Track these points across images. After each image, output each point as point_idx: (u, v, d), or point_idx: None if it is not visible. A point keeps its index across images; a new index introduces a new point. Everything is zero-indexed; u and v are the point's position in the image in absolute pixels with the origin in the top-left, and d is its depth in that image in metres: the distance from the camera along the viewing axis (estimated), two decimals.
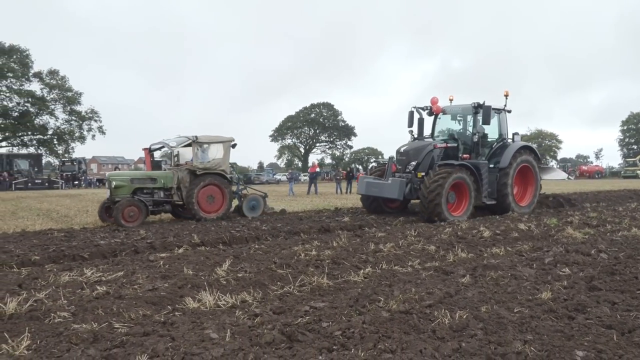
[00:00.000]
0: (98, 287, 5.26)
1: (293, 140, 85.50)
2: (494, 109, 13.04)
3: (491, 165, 13.07)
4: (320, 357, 3.36)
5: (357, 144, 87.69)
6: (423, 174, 12.07)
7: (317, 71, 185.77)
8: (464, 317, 4.14)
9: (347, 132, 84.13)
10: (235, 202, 13.83)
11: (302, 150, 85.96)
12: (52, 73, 51.88)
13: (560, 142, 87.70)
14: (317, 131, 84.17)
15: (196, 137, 12.69)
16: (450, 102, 14.19)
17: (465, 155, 12.96)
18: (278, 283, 5.62)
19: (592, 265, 6.14)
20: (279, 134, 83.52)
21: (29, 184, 38.98)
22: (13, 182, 38.75)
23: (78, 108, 53.26)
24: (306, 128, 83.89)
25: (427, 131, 14.31)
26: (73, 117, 53.39)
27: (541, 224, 10.23)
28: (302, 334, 3.75)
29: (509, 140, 13.75)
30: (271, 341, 3.64)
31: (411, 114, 14.01)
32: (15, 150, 51.48)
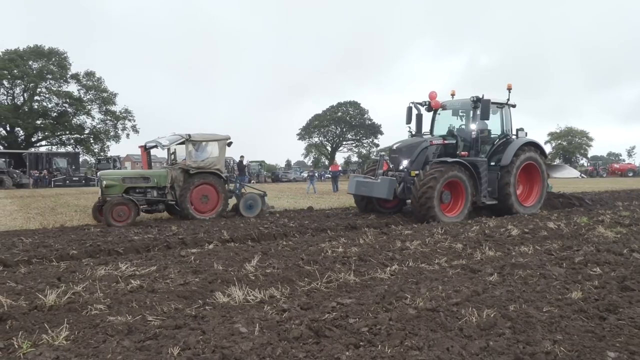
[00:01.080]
0: (132, 281, 5.38)
1: (320, 138, 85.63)
2: (495, 103, 12.29)
3: (492, 163, 12.29)
4: (347, 353, 3.36)
5: (383, 142, 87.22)
6: (417, 172, 11.33)
7: (344, 70, 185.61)
8: (492, 315, 4.07)
9: (374, 130, 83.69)
10: (234, 201, 13.45)
11: (329, 149, 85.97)
12: (89, 75, 53.36)
13: (591, 139, 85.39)
14: (344, 129, 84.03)
15: (189, 135, 12.37)
16: (452, 97, 13.44)
17: (463, 153, 12.19)
18: (305, 279, 5.64)
19: (624, 265, 5.95)
20: (306, 132, 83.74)
21: (67, 181, 40.10)
22: (52, 179, 39.94)
23: (113, 108, 54.68)
24: (333, 126, 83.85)
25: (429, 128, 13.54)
26: (108, 117, 54.82)
27: (571, 223, 9.96)
28: (329, 330, 3.75)
29: (513, 137, 12.87)
30: (299, 336, 3.65)
31: (409, 109, 13.18)
32: (54, 149, 53.09)
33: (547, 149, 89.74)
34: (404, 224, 10.92)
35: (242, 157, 24.61)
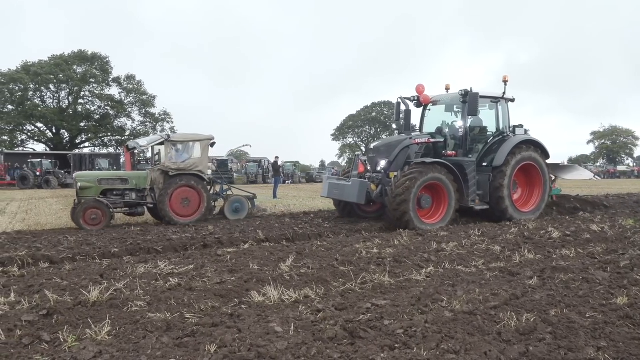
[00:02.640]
0: (170, 279, 5.50)
1: (354, 139, 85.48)
2: (488, 97, 11.34)
3: (484, 164, 11.19)
4: (382, 355, 3.34)
5: None
6: (396, 174, 10.24)
7: (378, 69, 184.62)
8: (532, 320, 3.96)
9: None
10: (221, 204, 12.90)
11: (363, 149, 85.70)
12: (129, 78, 54.97)
13: (637, 138, 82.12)
14: (378, 130, 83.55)
15: (168, 135, 11.90)
16: (447, 92, 12.30)
17: (450, 153, 11.12)
18: (340, 280, 5.64)
19: None
20: (340, 133, 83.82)
21: None
22: None
23: (152, 110, 56.13)
24: (367, 127, 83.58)
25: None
26: (148, 119, 56.32)
27: (616, 225, 9.58)
28: (364, 331, 3.74)
29: (511, 135, 11.68)
30: (333, 337, 3.65)
31: (398, 105, 12.15)
32: (96, 150, 54.94)
33: (590, 148, 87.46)
34: None
35: (277, 157, 24.84)
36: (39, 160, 41.75)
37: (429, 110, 12.55)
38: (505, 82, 11.55)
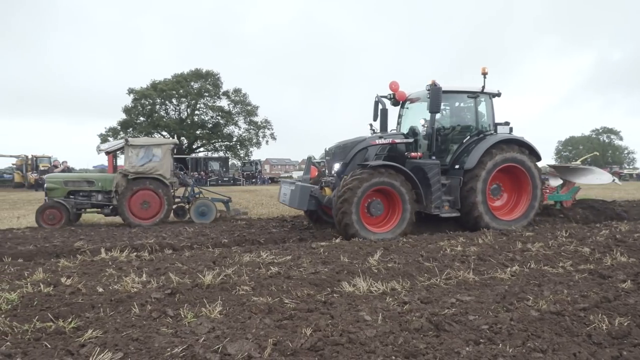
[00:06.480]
0: (271, 268, 5.69)
1: None
2: (458, 92, 9.77)
3: (456, 167, 9.49)
4: (467, 348, 3.20)
5: None
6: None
7: (462, 73, 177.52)
8: (625, 324, 3.58)
9: None
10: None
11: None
12: (236, 91, 57.88)
13: None
14: None
15: (127, 140, 11.51)
16: None
17: (413, 154, 9.31)
18: (425, 275, 5.49)
19: None
20: None
21: (219, 181, 44.01)
22: (207, 179, 44.18)
23: (255, 119, 58.67)
24: None
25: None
26: (251, 127, 58.90)
27: None
28: (449, 324, 3.61)
29: (494, 134, 9.79)
30: (419, 328, 3.57)
31: (376, 104, 10.56)
32: (209, 154, 58.59)
33: None
34: (524, 225, 10.04)
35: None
36: None
37: (407, 108, 10.80)
38: (484, 74, 9.64)
